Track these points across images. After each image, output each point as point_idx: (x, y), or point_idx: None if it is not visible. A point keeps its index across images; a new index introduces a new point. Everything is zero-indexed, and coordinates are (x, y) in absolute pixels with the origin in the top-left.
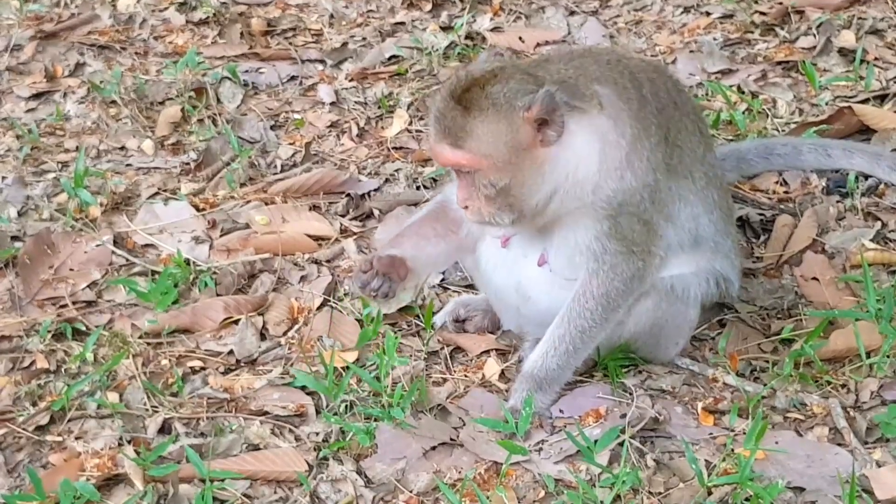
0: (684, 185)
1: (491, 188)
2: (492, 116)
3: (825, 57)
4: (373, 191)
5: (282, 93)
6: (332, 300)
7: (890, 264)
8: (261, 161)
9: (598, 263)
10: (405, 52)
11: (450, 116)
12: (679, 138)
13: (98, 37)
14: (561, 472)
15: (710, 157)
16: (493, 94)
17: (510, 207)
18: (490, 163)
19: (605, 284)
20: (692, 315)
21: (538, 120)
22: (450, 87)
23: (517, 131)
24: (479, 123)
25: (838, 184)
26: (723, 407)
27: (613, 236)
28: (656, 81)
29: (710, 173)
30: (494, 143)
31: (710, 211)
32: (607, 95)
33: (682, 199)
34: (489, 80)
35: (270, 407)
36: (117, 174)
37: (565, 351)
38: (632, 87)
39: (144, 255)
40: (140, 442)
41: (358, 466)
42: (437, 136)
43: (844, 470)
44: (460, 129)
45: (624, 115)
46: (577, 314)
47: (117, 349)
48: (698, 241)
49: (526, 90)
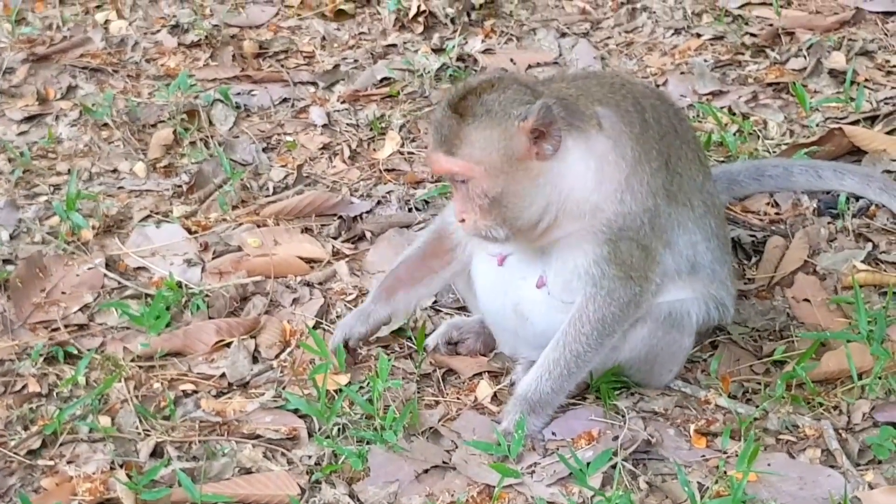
0: (683, 213)
1: (484, 198)
2: (485, 123)
3: (816, 78)
4: (365, 213)
5: (274, 115)
6: (324, 322)
7: (881, 285)
8: (253, 183)
9: (595, 288)
10: (397, 74)
11: (445, 125)
12: (679, 165)
13: (90, 59)
14: (553, 495)
15: (708, 185)
16: (487, 102)
17: (504, 221)
18: (482, 170)
19: (602, 309)
20: (687, 343)
21: (534, 131)
22: (448, 96)
23: (511, 140)
24: (473, 130)
25: (829, 205)
26: (715, 429)
27: (612, 261)
28: (658, 108)
29: (708, 202)
30: (487, 150)
31: (707, 239)
32: (608, 117)
33: (681, 225)
34: (485, 89)
35: (263, 430)
36: (109, 197)
37: (559, 375)
38: (634, 110)
39: (136, 277)
40: (132, 466)
41: (350, 490)
42: (433, 144)
43: (837, 492)
44: (455, 136)
45: (625, 136)
46: (572, 338)
47: (109, 372)
48: (696, 268)
49: (522, 100)
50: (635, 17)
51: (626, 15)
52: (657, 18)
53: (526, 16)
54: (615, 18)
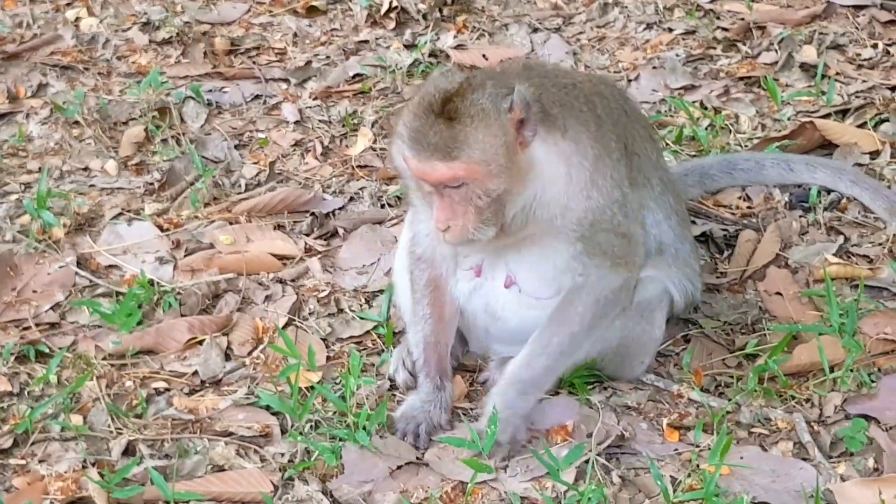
0: (646, 194)
1: (485, 198)
2: (482, 122)
3: (787, 72)
4: (337, 209)
5: (246, 112)
6: (296, 319)
7: (852, 278)
8: (225, 180)
9: (583, 277)
10: (369, 70)
11: (433, 132)
12: (636, 146)
13: (61, 57)
14: (527, 490)
15: (661, 161)
16: (476, 101)
17: (495, 219)
18: (487, 170)
19: (595, 292)
20: (657, 333)
21: (520, 120)
22: (424, 104)
23: (506, 133)
24: (471, 131)
25: (801, 198)
26: (688, 423)
27: (592, 254)
28: (605, 94)
29: (664, 178)
30: (491, 148)
31: (668, 216)
32: (568, 120)
33: (645, 206)
34: (466, 90)
35: (235, 427)
36: (80, 195)
37: (553, 353)
38: (588, 109)
39: (108, 276)
40: (104, 464)
41: (324, 487)
42: (423, 154)
43: (809, 484)
44: (451, 140)
45: (584, 137)
46: (567, 318)
47: (81, 371)
48: (661, 248)
49: (503, 93)
50: (607, 13)
51: (598, 10)
52: (629, 13)
53: (498, 11)
54: (587, 13)
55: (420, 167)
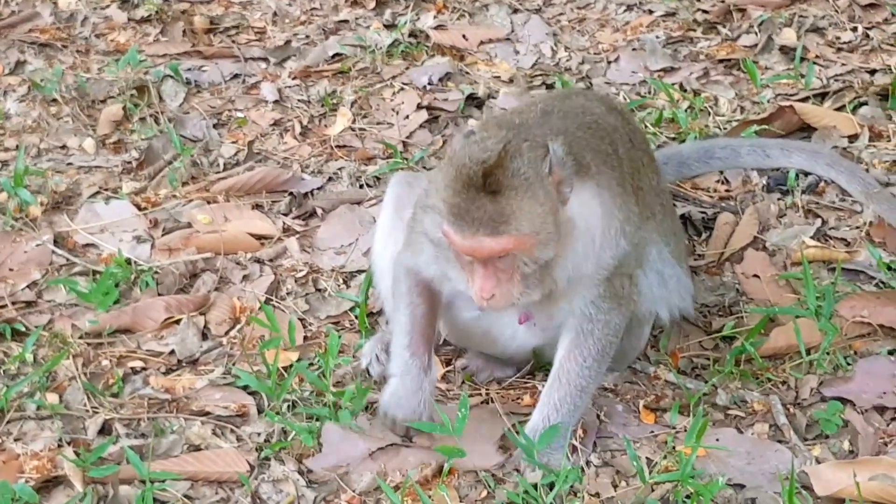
0: (650, 226)
1: (533, 265)
2: (527, 192)
3: (767, 55)
4: (316, 189)
5: (224, 91)
6: (274, 299)
7: (830, 261)
8: (203, 160)
9: (591, 324)
10: (349, 49)
11: (477, 206)
12: (641, 180)
13: (39, 35)
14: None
15: (660, 181)
16: (518, 171)
17: (542, 283)
18: (536, 239)
19: (601, 341)
20: (641, 345)
21: (559, 181)
22: (462, 178)
23: (551, 199)
24: (515, 202)
25: (779, 181)
26: (664, 405)
27: (607, 297)
28: (616, 124)
29: (663, 200)
30: (539, 217)
31: (668, 242)
32: (599, 165)
33: (651, 241)
34: (504, 159)
35: (212, 407)
36: (58, 173)
37: (567, 412)
38: (612, 150)
39: (85, 254)
40: (80, 443)
41: (300, 467)
42: (468, 230)
43: (784, 466)
44: (497, 215)
45: (614, 183)
46: (575, 374)
47: (57, 350)
48: (663, 278)
49: (540, 155)
50: None
51: None
52: None
53: None
54: None
55: (465, 244)
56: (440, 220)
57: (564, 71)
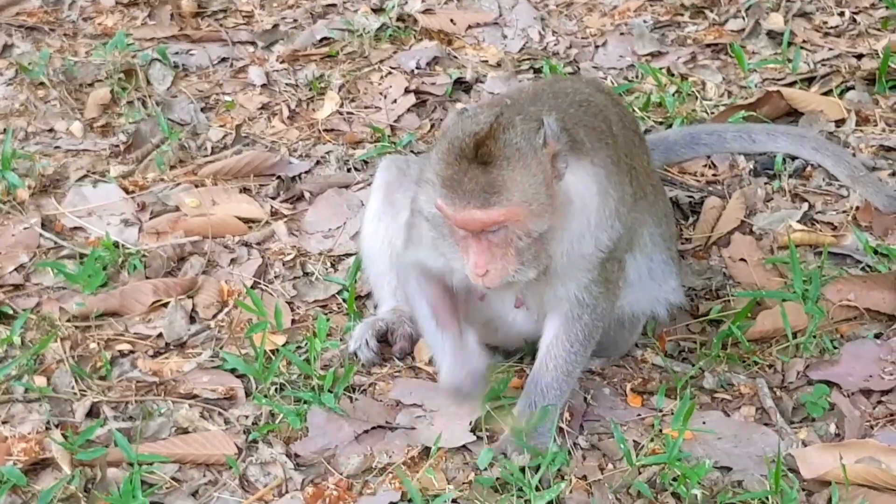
0: (643, 206)
1: (527, 238)
2: (519, 162)
3: (754, 39)
4: (304, 173)
5: (212, 75)
6: (262, 283)
7: (816, 245)
8: (191, 143)
9: (581, 308)
10: (336, 33)
11: (469, 178)
12: (634, 160)
13: (26, 18)
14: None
15: (651, 163)
16: (510, 141)
17: (536, 260)
18: (529, 210)
19: (588, 325)
20: (634, 338)
21: (553, 154)
22: (454, 149)
23: (545, 170)
24: (509, 173)
25: (766, 166)
26: (651, 388)
27: (599, 282)
28: (609, 107)
29: (654, 182)
30: (531, 188)
31: (658, 223)
32: (593, 142)
33: (643, 222)
34: (497, 130)
35: (199, 390)
36: (45, 156)
37: (554, 396)
38: (605, 127)
39: (73, 237)
40: (68, 426)
41: (287, 449)
42: (460, 202)
43: (771, 449)
44: (489, 186)
45: (609, 162)
46: (562, 360)
47: (45, 333)
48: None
49: (534, 128)
50: None
51: None
52: None
53: None
54: None
55: (458, 215)
56: (434, 195)
57: (552, 55)
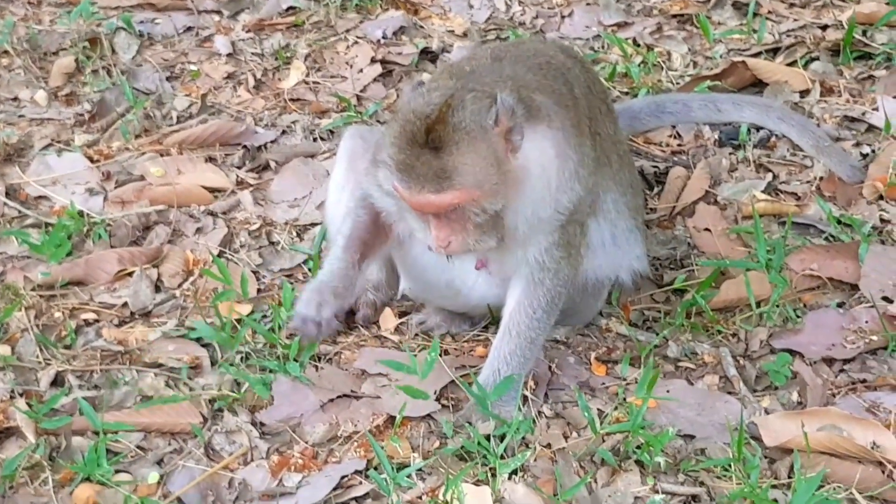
0: (606, 173)
1: (483, 215)
2: (468, 145)
3: (719, 10)
4: (269, 142)
5: (178, 44)
6: (227, 252)
7: (780, 215)
8: (156, 112)
9: (543, 273)
10: (302, 3)
11: (421, 163)
12: (598, 126)
13: None
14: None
15: (617, 131)
16: (459, 125)
17: (496, 228)
18: (481, 191)
19: (551, 291)
20: (600, 305)
21: (507, 130)
22: (406, 134)
23: (496, 149)
24: (458, 157)
25: (730, 136)
26: (615, 357)
27: (561, 245)
28: (574, 70)
29: (620, 151)
30: (481, 170)
31: (624, 193)
32: (550, 107)
33: (607, 188)
34: (446, 114)
35: (165, 359)
36: (9, 125)
37: (517, 364)
38: (566, 90)
39: (37, 206)
40: (32, 394)
41: (253, 418)
42: (414, 187)
43: (733, 417)
44: (440, 171)
45: (568, 124)
46: (525, 326)
47: (9, 301)
48: (615, 232)
49: (485, 106)
50: None
51: None
52: None
53: None
54: None
55: (413, 199)
56: (391, 177)
57: (518, 25)
